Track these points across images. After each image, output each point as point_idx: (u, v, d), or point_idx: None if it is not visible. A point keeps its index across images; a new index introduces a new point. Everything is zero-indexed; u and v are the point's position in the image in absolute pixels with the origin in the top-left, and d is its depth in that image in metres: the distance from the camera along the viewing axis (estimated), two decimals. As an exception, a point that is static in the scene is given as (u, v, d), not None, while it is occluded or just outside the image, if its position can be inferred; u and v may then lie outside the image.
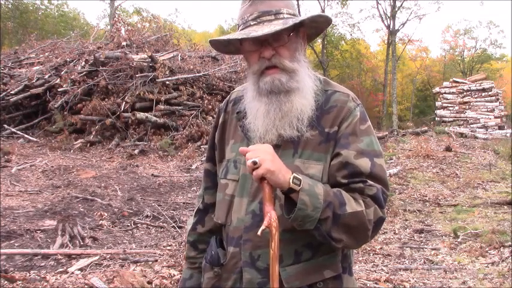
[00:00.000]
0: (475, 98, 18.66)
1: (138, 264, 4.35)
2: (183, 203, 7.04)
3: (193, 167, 9.75)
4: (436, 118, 19.53)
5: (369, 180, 1.29)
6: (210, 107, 12.29)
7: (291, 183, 1.20)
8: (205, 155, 1.64)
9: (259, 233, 1.18)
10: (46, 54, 14.87)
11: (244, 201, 1.38)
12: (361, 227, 1.26)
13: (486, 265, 4.53)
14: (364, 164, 1.30)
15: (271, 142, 1.34)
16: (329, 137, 1.34)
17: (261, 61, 1.33)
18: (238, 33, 1.32)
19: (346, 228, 1.24)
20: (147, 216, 6.16)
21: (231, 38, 1.34)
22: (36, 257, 4.45)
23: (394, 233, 5.78)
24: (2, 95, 12.41)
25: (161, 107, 11.94)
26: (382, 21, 31.58)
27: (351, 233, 1.26)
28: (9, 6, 28.86)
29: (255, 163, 1.20)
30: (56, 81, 12.49)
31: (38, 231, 5.25)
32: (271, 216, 1.19)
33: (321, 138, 1.34)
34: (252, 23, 1.31)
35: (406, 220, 6.40)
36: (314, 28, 1.43)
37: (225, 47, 1.46)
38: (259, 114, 1.35)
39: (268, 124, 1.34)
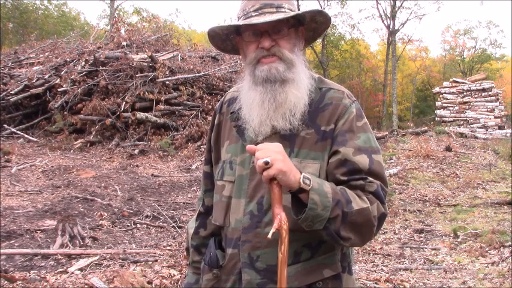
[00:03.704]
0: (475, 98, 18.65)
1: (138, 264, 4.35)
2: (183, 203, 7.04)
3: (193, 167, 9.76)
4: (436, 118, 19.53)
5: (368, 177, 1.29)
6: (210, 107, 12.29)
7: (302, 183, 1.18)
8: (204, 156, 1.63)
9: (269, 235, 1.14)
10: (46, 54, 14.89)
11: (241, 202, 1.37)
12: (367, 223, 1.25)
13: (486, 265, 4.52)
14: (362, 160, 1.29)
15: (266, 134, 1.33)
16: (325, 135, 1.34)
17: (258, 50, 1.33)
18: (240, 21, 1.32)
19: (353, 225, 1.23)
20: (147, 216, 6.16)
21: (232, 24, 1.35)
22: (36, 257, 4.45)
23: (394, 233, 5.78)
24: (2, 95, 12.42)
25: (161, 107, 11.94)
26: (382, 21, 31.63)
27: (358, 231, 1.25)
28: (9, 6, 28.86)
29: (267, 163, 1.15)
30: (56, 81, 12.50)
31: (38, 231, 5.25)
32: (281, 218, 1.15)
33: (317, 137, 1.34)
34: (253, 14, 1.31)
35: (406, 220, 6.40)
36: (313, 30, 1.43)
37: (223, 42, 1.45)
38: (254, 105, 1.34)
39: (263, 115, 1.33)
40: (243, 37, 1.36)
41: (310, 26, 1.41)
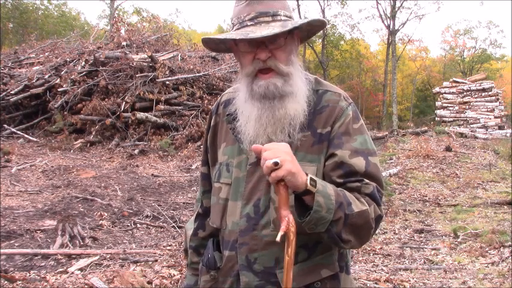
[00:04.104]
0: (475, 98, 18.65)
1: (138, 264, 4.36)
2: (183, 203, 7.04)
3: (193, 167, 9.76)
4: (436, 118, 19.53)
5: (364, 179, 1.28)
6: (210, 107, 12.28)
7: (309, 185, 1.16)
8: (202, 157, 1.62)
9: (277, 238, 1.11)
10: (46, 54, 14.89)
11: (238, 204, 1.37)
12: (366, 225, 1.25)
13: (486, 265, 4.53)
14: (359, 163, 1.29)
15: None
16: (322, 137, 1.33)
17: (255, 62, 1.30)
18: (235, 33, 1.28)
19: (353, 228, 1.23)
20: (147, 216, 6.16)
21: (228, 38, 1.31)
22: (36, 257, 4.45)
23: (394, 233, 5.78)
24: (2, 95, 12.42)
25: (161, 107, 11.94)
26: (382, 21, 31.64)
27: (357, 233, 1.25)
28: (9, 6, 28.88)
29: (276, 164, 1.11)
30: (56, 81, 12.51)
31: (38, 231, 5.25)
32: (289, 220, 1.13)
33: (313, 140, 1.33)
34: (248, 23, 1.28)
35: (406, 220, 6.40)
36: (307, 31, 1.42)
37: (216, 44, 1.42)
38: (251, 119, 1.33)
39: (260, 129, 1.31)
40: (239, 47, 1.33)
41: (305, 28, 1.40)
